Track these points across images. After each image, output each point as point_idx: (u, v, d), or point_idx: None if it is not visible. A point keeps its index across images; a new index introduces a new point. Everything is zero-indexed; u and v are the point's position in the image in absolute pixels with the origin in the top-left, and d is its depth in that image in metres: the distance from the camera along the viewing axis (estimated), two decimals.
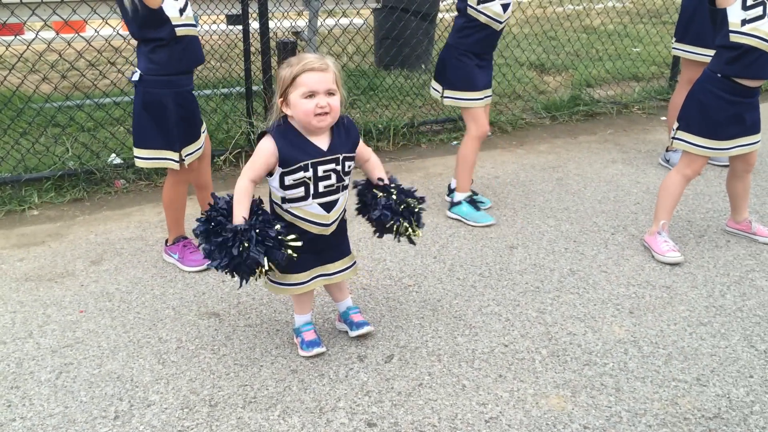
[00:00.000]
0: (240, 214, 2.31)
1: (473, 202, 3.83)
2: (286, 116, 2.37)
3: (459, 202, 3.81)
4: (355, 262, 2.65)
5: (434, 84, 3.79)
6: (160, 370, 2.55)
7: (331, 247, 2.55)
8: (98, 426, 2.28)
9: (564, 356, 2.62)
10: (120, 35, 4.86)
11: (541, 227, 3.74)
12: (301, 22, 6.54)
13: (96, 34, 4.64)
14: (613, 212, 3.93)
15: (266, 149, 2.35)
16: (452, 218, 3.82)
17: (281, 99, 2.34)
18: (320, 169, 2.37)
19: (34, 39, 4.44)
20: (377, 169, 2.57)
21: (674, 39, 4.46)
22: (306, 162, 2.35)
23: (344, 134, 2.43)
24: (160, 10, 2.83)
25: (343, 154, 2.42)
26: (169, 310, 2.96)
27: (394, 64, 6.26)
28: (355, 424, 2.27)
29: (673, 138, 3.34)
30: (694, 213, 3.92)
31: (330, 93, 2.31)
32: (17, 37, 4.76)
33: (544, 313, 2.92)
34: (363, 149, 2.54)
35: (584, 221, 3.81)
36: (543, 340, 2.73)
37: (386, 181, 2.56)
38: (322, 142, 2.39)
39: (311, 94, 2.28)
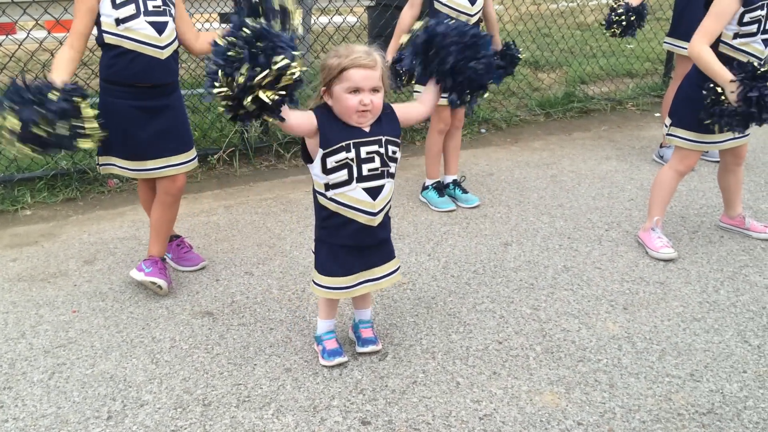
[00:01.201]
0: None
1: (439, 188, 4.02)
2: (325, 103, 2.31)
3: (426, 187, 4.04)
4: (399, 266, 2.58)
5: None
6: (153, 370, 2.55)
7: (376, 246, 2.46)
8: (91, 426, 2.27)
9: (558, 353, 2.62)
10: None
11: (536, 224, 3.74)
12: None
13: None
14: (607, 209, 3.93)
15: (308, 113, 2.27)
16: (422, 201, 4.07)
17: (324, 88, 2.28)
18: (363, 151, 2.29)
19: (25, 38, 4.42)
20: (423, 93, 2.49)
21: (666, 33, 4.49)
22: (348, 142, 2.26)
23: (386, 120, 2.36)
24: (98, 15, 2.75)
25: (386, 137, 2.33)
26: (162, 309, 2.95)
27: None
28: (349, 423, 2.27)
29: (667, 134, 3.34)
30: (688, 209, 3.93)
31: (374, 90, 2.25)
32: (9, 36, 4.74)
33: (538, 309, 2.92)
34: (407, 112, 2.44)
35: (578, 218, 3.82)
36: (537, 336, 2.73)
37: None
38: (365, 126, 2.32)
39: (356, 90, 2.23)
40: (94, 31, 2.83)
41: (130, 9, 2.73)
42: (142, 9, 2.75)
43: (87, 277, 3.23)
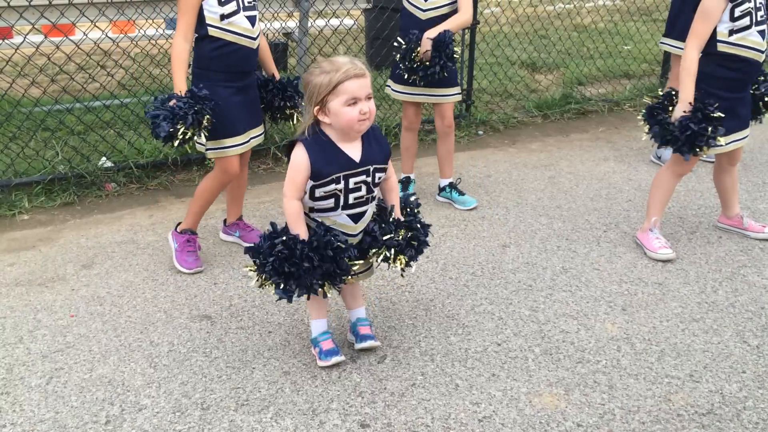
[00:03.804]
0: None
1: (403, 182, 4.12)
2: (316, 122, 2.33)
3: (443, 188, 4.07)
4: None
5: None
6: (151, 374, 2.54)
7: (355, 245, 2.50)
8: (89, 431, 2.26)
9: (557, 354, 2.62)
10: (109, 38, 4.83)
11: (534, 225, 3.74)
12: (292, 23, 6.53)
13: (85, 37, 4.62)
14: (605, 210, 3.93)
15: (302, 163, 2.30)
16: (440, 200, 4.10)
17: (318, 107, 2.28)
18: (351, 181, 2.34)
19: (22, 42, 4.42)
20: (393, 192, 2.54)
21: (662, 34, 4.49)
22: (338, 174, 2.31)
23: (375, 144, 2.39)
24: (200, 9, 2.97)
25: (374, 166, 2.38)
26: (160, 313, 2.94)
27: (386, 64, 6.25)
28: (348, 425, 2.27)
29: None
30: (686, 209, 3.93)
31: (368, 97, 2.28)
32: (5, 40, 4.74)
33: (536, 311, 2.91)
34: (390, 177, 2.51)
35: (576, 219, 3.82)
36: (536, 338, 2.72)
37: (395, 210, 2.53)
38: (355, 151, 2.34)
39: (353, 102, 2.25)
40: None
41: (232, 6, 3.00)
42: (241, 5, 3.03)
43: (85, 281, 3.22)
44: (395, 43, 3.75)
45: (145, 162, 4.44)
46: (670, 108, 3.17)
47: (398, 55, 3.74)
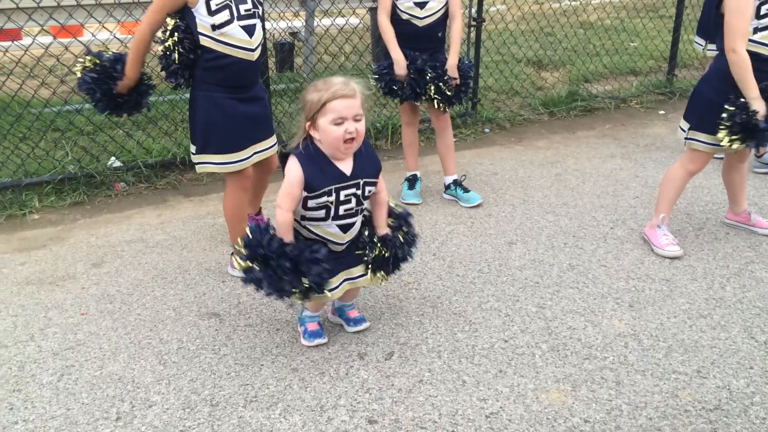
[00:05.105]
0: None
1: (410, 180, 4.16)
2: (310, 136, 2.41)
3: (448, 185, 4.10)
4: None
5: None
6: (161, 371, 2.56)
7: (349, 251, 2.58)
8: (100, 427, 2.28)
9: (564, 350, 2.63)
10: (117, 39, 4.86)
11: (540, 222, 3.75)
12: (298, 23, 6.55)
13: (93, 38, 4.65)
14: (611, 206, 3.93)
15: (296, 176, 2.37)
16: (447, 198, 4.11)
17: (309, 123, 2.38)
18: (342, 194, 2.43)
19: (31, 44, 4.45)
20: (381, 207, 2.59)
21: (707, 41, 4.40)
22: (330, 187, 2.40)
23: (366, 160, 2.48)
24: (192, 15, 2.79)
25: (364, 179, 2.46)
26: (169, 311, 2.96)
27: None
28: (356, 422, 2.28)
29: (686, 138, 3.30)
30: (693, 206, 3.93)
31: (357, 119, 2.35)
32: (14, 42, 4.77)
33: (543, 308, 2.92)
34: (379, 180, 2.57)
35: (583, 216, 3.82)
36: (543, 334, 2.73)
37: (380, 226, 2.60)
38: (346, 166, 2.43)
39: (340, 121, 2.32)
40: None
41: (224, 15, 2.80)
42: (235, 14, 2.82)
43: (95, 279, 3.25)
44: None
45: (153, 161, 4.47)
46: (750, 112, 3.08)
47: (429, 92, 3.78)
